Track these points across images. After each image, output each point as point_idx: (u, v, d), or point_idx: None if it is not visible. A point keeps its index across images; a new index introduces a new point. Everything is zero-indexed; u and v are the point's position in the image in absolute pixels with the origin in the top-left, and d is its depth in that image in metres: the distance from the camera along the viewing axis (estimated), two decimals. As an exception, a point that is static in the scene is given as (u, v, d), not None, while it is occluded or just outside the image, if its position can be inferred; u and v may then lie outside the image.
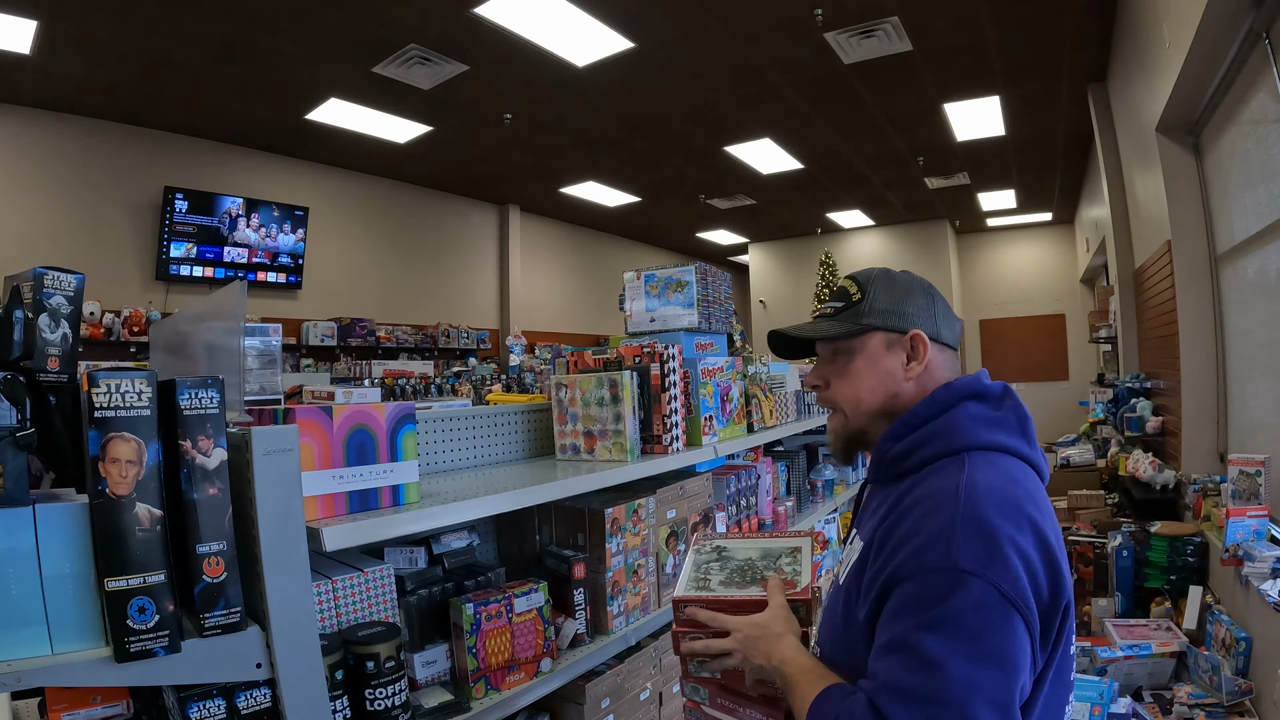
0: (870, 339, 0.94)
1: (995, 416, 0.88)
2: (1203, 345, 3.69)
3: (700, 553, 1.13)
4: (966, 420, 0.87)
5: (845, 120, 6.60)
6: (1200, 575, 3.20)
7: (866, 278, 0.97)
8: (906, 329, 0.93)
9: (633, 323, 2.11)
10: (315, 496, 1.06)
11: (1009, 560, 0.72)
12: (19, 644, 0.79)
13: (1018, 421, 0.88)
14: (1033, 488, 0.83)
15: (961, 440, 0.85)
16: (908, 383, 0.93)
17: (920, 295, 0.96)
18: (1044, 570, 0.74)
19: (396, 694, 1.11)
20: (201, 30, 4.51)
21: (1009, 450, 0.85)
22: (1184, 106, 3.45)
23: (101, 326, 5.56)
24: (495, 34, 4.69)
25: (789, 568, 1.04)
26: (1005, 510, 0.75)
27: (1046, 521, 0.78)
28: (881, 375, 0.94)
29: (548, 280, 10.19)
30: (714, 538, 1.17)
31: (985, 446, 0.84)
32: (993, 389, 0.91)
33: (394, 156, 7.19)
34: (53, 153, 5.53)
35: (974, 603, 0.70)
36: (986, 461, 0.82)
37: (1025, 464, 0.86)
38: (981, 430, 0.86)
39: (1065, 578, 0.76)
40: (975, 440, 0.85)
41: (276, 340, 1.34)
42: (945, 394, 0.90)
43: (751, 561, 1.08)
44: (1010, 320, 11.65)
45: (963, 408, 0.88)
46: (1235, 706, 2.46)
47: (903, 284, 0.96)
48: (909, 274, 0.99)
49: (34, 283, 0.91)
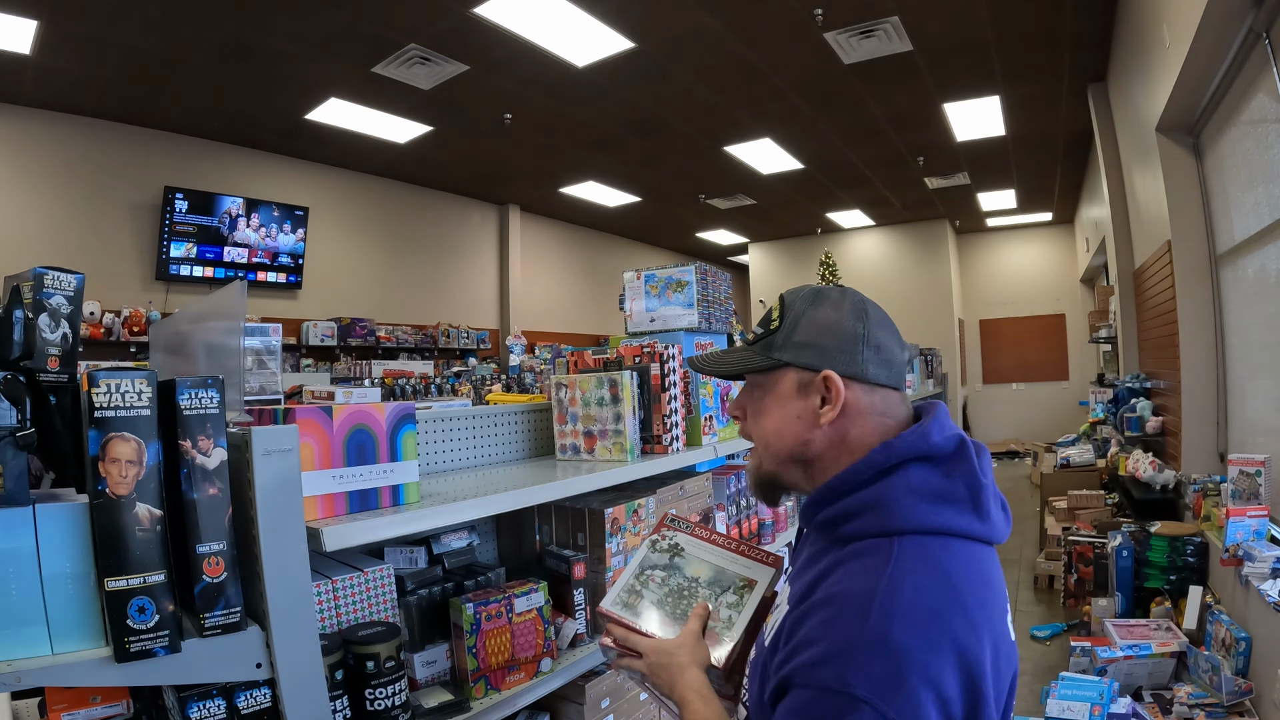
0: (783, 376, 0.83)
1: (941, 488, 0.74)
2: (1203, 345, 3.69)
3: (655, 549, 1.04)
4: (904, 493, 0.74)
5: (845, 120, 6.60)
6: (1200, 575, 3.20)
7: (791, 301, 0.85)
8: (819, 368, 0.80)
9: (633, 323, 2.11)
10: (315, 496, 1.06)
11: (913, 692, 0.62)
12: (19, 644, 0.79)
13: (968, 491, 0.75)
14: (976, 577, 0.71)
15: (895, 521, 0.73)
16: (822, 427, 0.80)
17: (849, 326, 0.81)
18: (961, 698, 0.64)
19: (396, 694, 1.11)
20: (201, 30, 4.51)
21: (954, 533, 0.73)
22: (1184, 106, 3.45)
23: (101, 326, 5.56)
24: (495, 34, 4.69)
25: (725, 611, 0.95)
26: (922, 628, 0.65)
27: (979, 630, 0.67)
28: (790, 418, 0.82)
29: (548, 280, 10.20)
30: (678, 531, 1.06)
31: (923, 530, 0.72)
32: (942, 448, 0.77)
33: (394, 156, 7.19)
34: (53, 153, 5.53)
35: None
36: (919, 556, 0.70)
37: (975, 542, 0.74)
38: (921, 509, 0.73)
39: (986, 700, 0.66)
40: (911, 522, 0.72)
41: (276, 340, 1.34)
42: (883, 456, 0.76)
43: (696, 585, 0.99)
44: (1010, 320, 11.66)
45: (902, 475, 0.75)
46: (1235, 706, 2.46)
47: (826, 316, 0.82)
48: (845, 298, 0.84)
49: (34, 283, 0.91)
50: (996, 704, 0.68)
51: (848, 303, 0.84)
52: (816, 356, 0.81)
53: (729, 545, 1.03)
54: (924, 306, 10.84)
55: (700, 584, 0.99)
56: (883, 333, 0.83)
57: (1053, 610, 4.24)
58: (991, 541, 0.76)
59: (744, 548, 1.02)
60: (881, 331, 0.83)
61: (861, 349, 0.80)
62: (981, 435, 11.60)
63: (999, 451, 11.02)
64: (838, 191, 9.16)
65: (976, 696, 0.65)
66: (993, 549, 0.77)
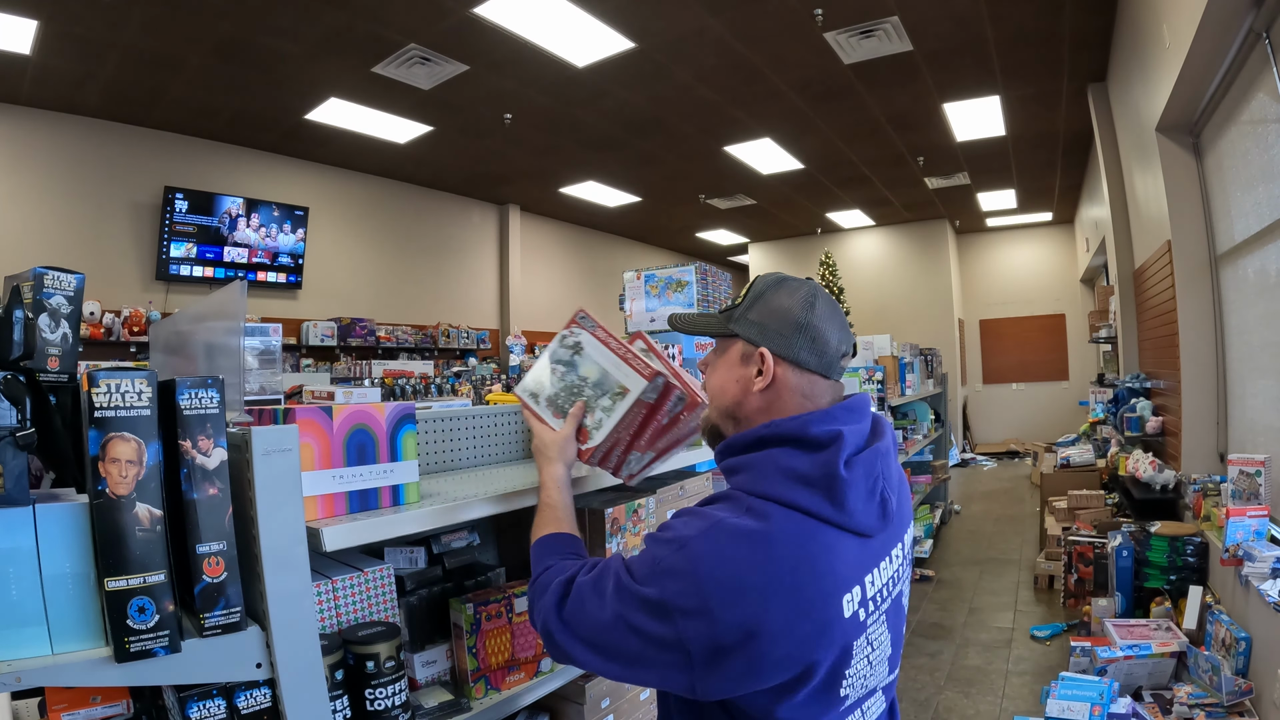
0: (733, 345, 0.99)
1: (801, 471, 0.85)
2: (1203, 345, 3.69)
3: (562, 344, 1.20)
4: (771, 467, 0.87)
5: (845, 120, 6.60)
6: (1200, 575, 3.20)
7: (756, 288, 1.00)
8: (759, 344, 0.94)
9: (633, 322, 2.11)
10: (315, 496, 1.06)
11: (690, 601, 0.80)
12: (19, 644, 0.79)
13: (823, 480, 0.84)
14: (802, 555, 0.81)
15: (759, 484, 0.86)
16: (754, 393, 0.95)
17: (795, 315, 0.94)
18: (728, 637, 0.79)
19: (396, 694, 1.11)
20: (201, 30, 4.51)
21: (806, 511, 0.83)
22: (1184, 106, 3.45)
23: (101, 326, 5.56)
24: (495, 34, 4.69)
25: (599, 414, 1.16)
26: (720, 580, 0.80)
27: (772, 603, 0.79)
28: (731, 380, 0.98)
29: (548, 280, 10.19)
30: (583, 329, 1.20)
31: (775, 499, 0.84)
32: (818, 438, 0.87)
33: (394, 156, 7.19)
34: (53, 153, 5.53)
35: (648, 597, 0.83)
36: (759, 516, 0.83)
37: (822, 523, 0.84)
38: (780, 483, 0.85)
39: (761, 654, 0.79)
40: (768, 490, 0.85)
41: (276, 340, 1.34)
42: (767, 430, 0.91)
43: (584, 385, 1.17)
44: (1010, 320, 11.66)
45: (776, 451, 0.88)
46: (1235, 706, 2.46)
47: (780, 301, 0.95)
48: (801, 289, 0.97)
49: (34, 283, 0.91)
50: (785, 662, 0.81)
51: (802, 293, 0.96)
52: (759, 334, 0.95)
53: (619, 350, 1.16)
54: (924, 306, 10.84)
55: (588, 384, 1.16)
56: (825, 325, 0.94)
57: (1053, 610, 4.24)
58: (848, 527, 0.85)
59: (629, 355, 1.15)
60: (824, 324, 0.94)
61: (798, 336, 0.93)
62: (981, 435, 11.61)
63: (999, 451, 11.02)
64: (838, 191, 9.16)
65: (745, 643, 0.79)
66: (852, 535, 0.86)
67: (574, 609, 0.91)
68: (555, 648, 0.93)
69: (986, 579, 4.91)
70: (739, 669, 0.80)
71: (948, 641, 3.86)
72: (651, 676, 0.86)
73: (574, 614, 0.91)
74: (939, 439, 6.48)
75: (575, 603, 0.91)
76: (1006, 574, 4.99)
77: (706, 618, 0.79)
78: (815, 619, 0.81)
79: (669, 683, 0.85)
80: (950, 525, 6.59)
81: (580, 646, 0.89)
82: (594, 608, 0.89)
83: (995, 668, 3.49)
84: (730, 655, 0.80)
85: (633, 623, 0.84)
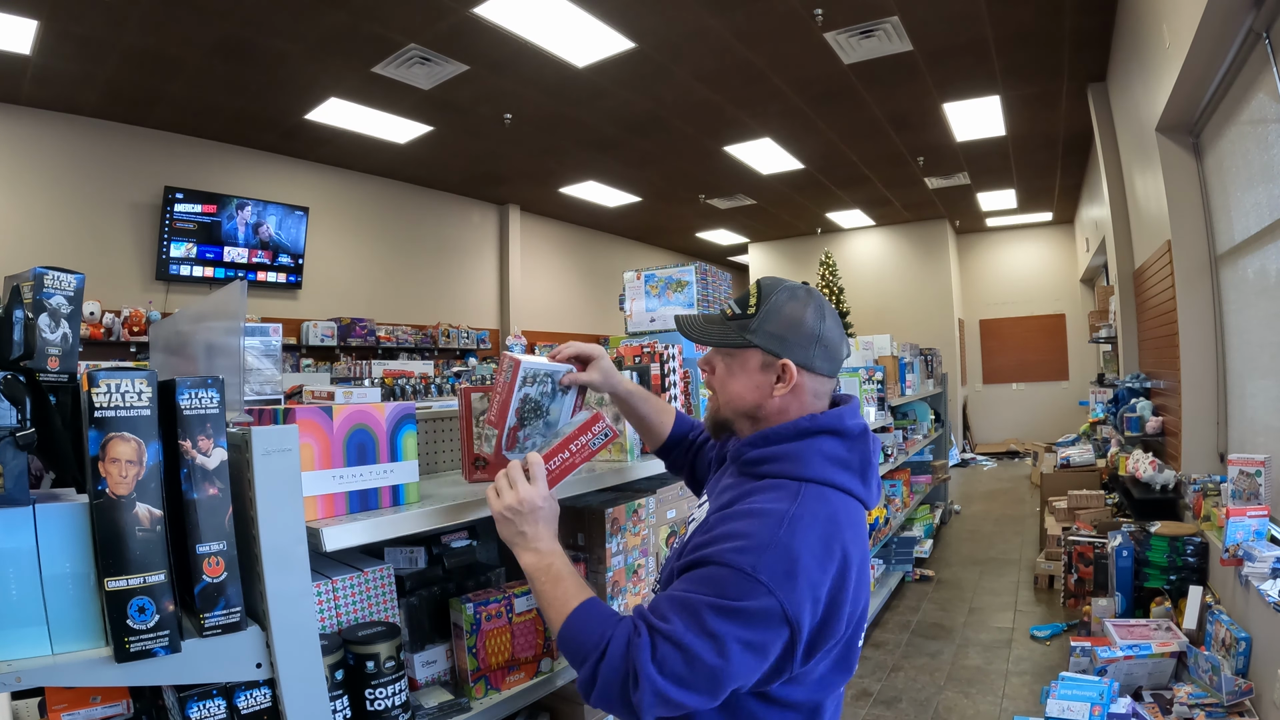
0: (751, 354, 1.04)
1: (844, 457, 0.99)
2: (1203, 345, 3.69)
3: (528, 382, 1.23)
4: (817, 454, 0.98)
5: (845, 120, 6.60)
6: (1200, 575, 3.20)
7: (768, 294, 1.04)
8: (781, 356, 1.02)
9: (633, 322, 2.11)
10: (315, 496, 1.06)
11: (799, 589, 0.87)
12: (19, 644, 0.79)
13: (860, 464, 1.00)
14: (850, 521, 0.96)
15: (806, 470, 0.97)
16: (774, 399, 1.03)
17: (807, 327, 1.02)
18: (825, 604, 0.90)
19: (396, 694, 1.11)
20: (201, 30, 4.51)
21: (843, 489, 0.98)
22: (1184, 106, 3.45)
23: (101, 326, 5.56)
24: (495, 34, 4.69)
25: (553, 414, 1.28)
26: (814, 549, 0.89)
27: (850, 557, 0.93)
28: (751, 386, 1.04)
29: (548, 280, 10.19)
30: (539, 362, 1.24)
31: (824, 482, 0.96)
32: (852, 429, 1.01)
33: (394, 156, 7.19)
34: (53, 153, 5.53)
35: (760, 607, 0.86)
36: (819, 497, 0.94)
37: (855, 500, 1.00)
38: (827, 467, 0.98)
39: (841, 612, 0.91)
40: (817, 474, 0.97)
41: (276, 340, 1.34)
42: (809, 424, 1.00)
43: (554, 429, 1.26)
44: (1010, 320, 11.66)
45: (818, 441, 0.99)
46: (1235, 706, 2.46)
47: (794, 313, 1.03)
48: (810, 299, 1.05)
49: (34, 283, 0.91)
50: (850, 618, 0.94)
51: (812, 304, 1.04)
52: (780, 346, 1.02)
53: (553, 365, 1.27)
54: (924, 306, 10.84)
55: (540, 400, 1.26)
56: (834, 334, 1.04)
57: (1053, 610, 4.24)
58: (866, 504, 1.02)
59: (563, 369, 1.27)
60: (833, 334, 1.04)
61: (814, 346, 1.02)
62: (981, 435, 11.60)
63: (999, 452, 11.02)
64: (838, 191, 9.16)
65: (837, 602, 0.91)
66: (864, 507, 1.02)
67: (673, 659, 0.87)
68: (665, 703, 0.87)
69: (986, 579, 4.91)
70: (826, 636, 0.91)
71: (948, 641, 3.86)
72: (761, 681, 0.91)
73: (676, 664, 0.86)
74: (939, 439, 6.48)
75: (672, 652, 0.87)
76: (1006, 574, 4.99)
77: (813, 600, 0.88)
78: (864, 577, 0.97)
79: (774, 678, 0.91)
80: (950, 525, 6.59)
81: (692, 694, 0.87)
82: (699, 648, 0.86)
83: (995, 668, 3.49)
84: (824, 627, 0.90)
85: (747, 639, 0.86)
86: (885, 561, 4.73)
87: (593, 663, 0.91)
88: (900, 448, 4.60)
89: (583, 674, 0.93)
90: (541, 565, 1.03)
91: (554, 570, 1.02)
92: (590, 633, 0.93)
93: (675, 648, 0.87)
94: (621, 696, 0.88)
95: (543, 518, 1.06)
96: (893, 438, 4.44)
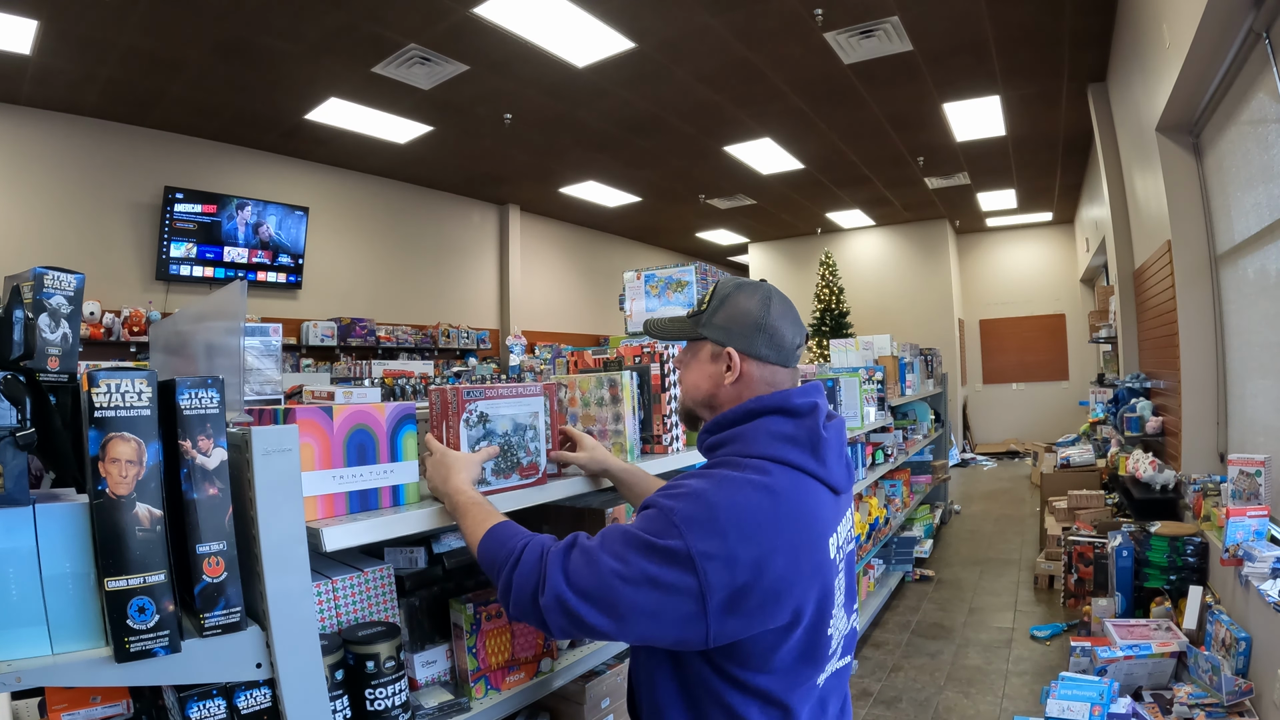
0: (704, 346, 1.12)
1: (790, 433, 1.02)
2: (1203, 345, 3.69)
3: (470, 425, 1.23)
4: (764, 433, 1.02)
5: (845, 120, 6.60)
6: (1200, 575, 3.20)
7: (719, 293, 1.12)
8: (725, 344, 1.08)
9: (633, 323, 2.11)
10: (315, 496, 1.06)
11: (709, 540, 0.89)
12: (19, 644, 0.79)
13: (809, 439, 1.01)
14: (797, 496, 0.97)
15: (753, 448, 1.01)
16: (726, 386, 1.09)
17: (752, 317, 1.08)
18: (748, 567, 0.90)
19: (396, 694, 1.11)
20: (201, 30, 4.51)
21: (792, 464, 0.99)
22: (1184, 106, 3.45)
23: (101, 326, 5.56)
24: (495, 34, 4.69)
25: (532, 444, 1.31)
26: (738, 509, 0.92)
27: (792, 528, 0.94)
28: (704, 376, 1.11)
29: (548, 280, 10.19)
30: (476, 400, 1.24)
31: (770, 458, 0.99)
32: (800, 407, 1.04)
33: (394, 156, 7.19)
34: (53, 153, 5.53)
35: (668, 547, 0.90)
36: (759, 469, 0.97)
37: (809, 476, 1.00)
38: (773, 443, 1.01)
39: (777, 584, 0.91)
40: (763, 451, 1.00)
41: (276, 340, 1.34)
42: (755, 405, 1.05)
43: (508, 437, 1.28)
44: (1010, 320, 11.66)
45: (765, 420, 1.03)
46: (1235, 706, 2.46)
47: (741, 305, 1.09)
48: (757, 292, 1.11)
49: (34, 283, 0.91)
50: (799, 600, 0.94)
51: (759, 296, 1.10)
52: (725, 336, 1.08)
53: (510, 392, 1.29)
54: (924, 306, 10.84)
55: (510, 435, 1.28)
56: (780, 323, 1.09)
57: (1053, 610, 4.24)
58: (827, 482, 1.02)
59: (519, 390, 1.30)
60: (780, 322, 1.09)
61: (758, 335, 1.07)
62: (981, 435, 11.61)
63: (999, 451, 11.02)
64: (838, 191, 9.16)
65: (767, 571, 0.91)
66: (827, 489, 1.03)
67: (581, 570, 0.92)
68: (565, 614, 0.92)
69: (986, 579, 4.91)
70: (752, 605, 0.90)
71: (948, 641, 3.86)
72: (668, 631, 0.91)
73: (582, 575, 0.92)
74: (939, 439, 6.48)
75: (582, 563, 0.93)
76: (1006, 574, 4.99)
77: (726, 558, 0.89)
78: (810, 557, 0.96)
79: (685, 634, 0.91)
80: (950, 525, 6.59)
81: (592, 609, 0.91)
82: (606, 566, 0.91)
83: (995, 668, 3.49)
84: (746, 594, 0.90)
85: (652, 574, 0.89)
86: (885, 561, 4.73)
87: (508, 570, 0.98)
88: (900, 448, 4.60)
89: (500, 583, 0.99)
90: (457, 503, 1.11)
91: (460, 503, 1.10)
92: (504, 544, 1.00)
93: (586, 559, 0.93)
94: (532, 601, 0.94)
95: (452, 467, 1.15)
96: (893, 438, 4.43)
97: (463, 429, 1.24)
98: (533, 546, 0.98)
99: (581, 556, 0.94)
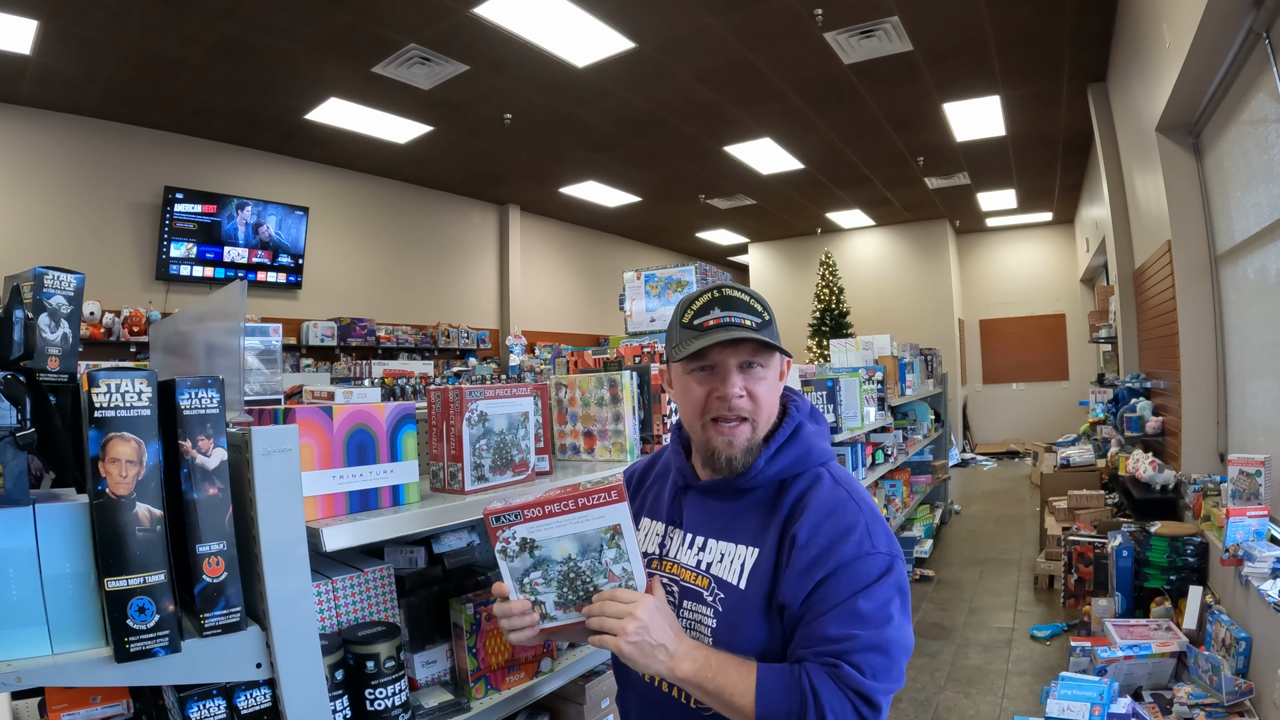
0: (778, 359, 1.03)
1: (824, 431, 1.07)
2: (1203, 345, 3.68)
3: (509, 558, 0.94)
4: (816, 439, 1.05)
5: (845, 120, 6.60)
6: (1200, 575, 3.20)
7: (761, 299, 1.02)
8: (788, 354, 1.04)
9: (633, 323, 2.11)
10: (315, 496, 1.06)
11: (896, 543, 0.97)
12: (19, 644, 0.79)
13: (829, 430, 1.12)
14: None
15: (820, 457, 1.04)
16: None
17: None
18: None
19: (396, 694, 1.11)
20: (201, 30, 4.51)
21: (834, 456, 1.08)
22: (1184, 106, 3.45)
23: (101, 326, 5.56)
24: (495, 34, 4.69)
25: (617, 567, 0.94)
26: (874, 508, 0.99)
27: None
28: (779, 393, 1.05)
29: (548, 280, 10.19)
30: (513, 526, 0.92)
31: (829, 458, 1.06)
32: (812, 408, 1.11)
33: (394, 156, 7.19)
34: (53, 153, 5.53)
35: (899, 575, 0.94)
36: (840, 471, 1.04)
37: None
38: (825, 446, 1.06)
39: None
40: (828, 455, 1.05)
41: (276, 340, 1.34)
42: (798, 416, 1.06)
43: (574, 563, 0.94)
44: (1010, 320, 11.66)
45: (808, 429, 1.05)
46: (1235, 706, 2.46)
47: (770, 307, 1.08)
48: None
49: (34, 283, 0.91)
50: None
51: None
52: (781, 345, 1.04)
53: (567, 508, 0.93)
54: (924, 306, 10.83)
55: (576, 559, 0.94)
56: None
57: (1053, 610, 4.24)
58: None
59: (582, 500, 0.92)
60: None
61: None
62: (981, 435, 11.60)
63: (999, 451, 11.01)
64: (838, 191, 9.16)
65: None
66: None
67: (880, 666, 0.89)
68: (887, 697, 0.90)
69: (986, 579, 4.91)
70: None
71: (948, 641, 3.86)
72: None
73: (883, 669, 0.89)
74: (939, 439, 6.48)
75: (882, 663, 0.89)
76: (1006, 574, 4.99)
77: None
78: None
79: None
80: (950, 525, 6.59)
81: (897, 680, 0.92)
82: (895, 644, 0.91)
83: (995, 668, 3.49)
84: None
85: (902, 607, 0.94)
86: (885, 561, 4.72)
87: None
88: (900, 448, 4.60)
89: None
90: (699, 665, 0.90)
91: (711, 663, 0.91)
92: (784, 699, 0.87)
93: (880, 654, 0.89)
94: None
95: (664, 619, 0.92)
96: (893, 438, 4.43)
97: (465, 428, 1.25)
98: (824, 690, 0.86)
99: (877, 655, 0.88)
